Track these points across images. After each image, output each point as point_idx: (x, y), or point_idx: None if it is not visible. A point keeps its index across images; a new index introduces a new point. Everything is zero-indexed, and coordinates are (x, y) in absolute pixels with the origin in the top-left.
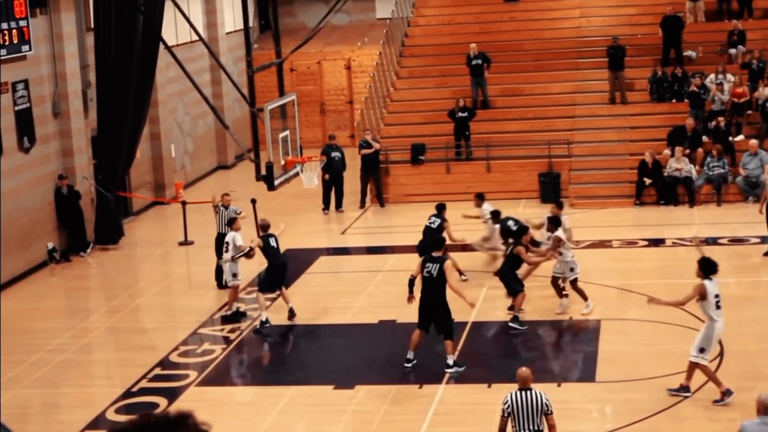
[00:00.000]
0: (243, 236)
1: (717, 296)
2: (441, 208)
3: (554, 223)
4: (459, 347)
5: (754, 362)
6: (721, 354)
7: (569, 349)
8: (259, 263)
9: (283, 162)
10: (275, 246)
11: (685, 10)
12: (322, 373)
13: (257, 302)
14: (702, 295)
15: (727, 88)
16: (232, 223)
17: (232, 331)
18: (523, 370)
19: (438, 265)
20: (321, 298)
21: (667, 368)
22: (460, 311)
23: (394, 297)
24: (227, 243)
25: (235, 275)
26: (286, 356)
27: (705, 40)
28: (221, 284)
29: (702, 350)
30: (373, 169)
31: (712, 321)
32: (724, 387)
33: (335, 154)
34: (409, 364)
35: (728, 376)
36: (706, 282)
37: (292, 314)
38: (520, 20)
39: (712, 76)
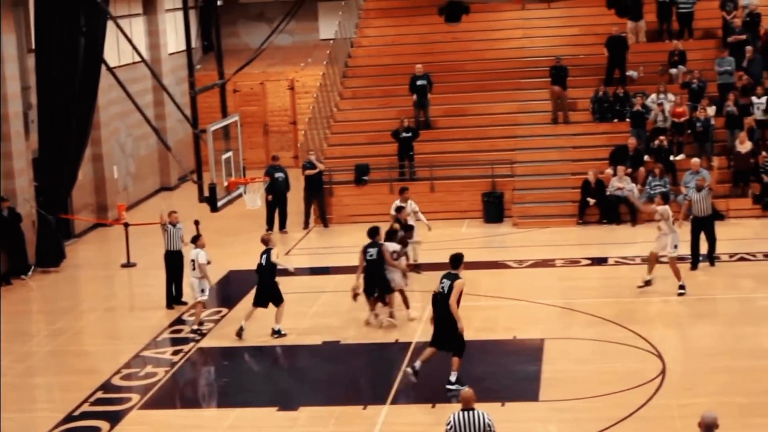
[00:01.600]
0: (188, 256)
1: None
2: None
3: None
4: (403, 366)
5: (696, 380)
6: (663, 372)
7: (513, 369)
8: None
9: (226, 183)
10: (262, 263)
11: (627, 31)
12: (266, 395)
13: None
14: None
15: (668, 108)
16: (196, 240)
17: (175, 353)
18: (466, 391)
19: (450, 282)
20: (264, 319)
21: (610, 387)
22: (404, 331)
23: (338, 318)
24: (192, 260)
25: (203, 291)
26: (230, 378)
27: (646, 60)
28: (170, 305)
29: None
30: (317, 190)
31: None
32: None
33: (278, 175)
34: (452, 387)
35: (670, 393)
36: None
37: (239, 332)
38: (462, 41)
39: (654, 95)
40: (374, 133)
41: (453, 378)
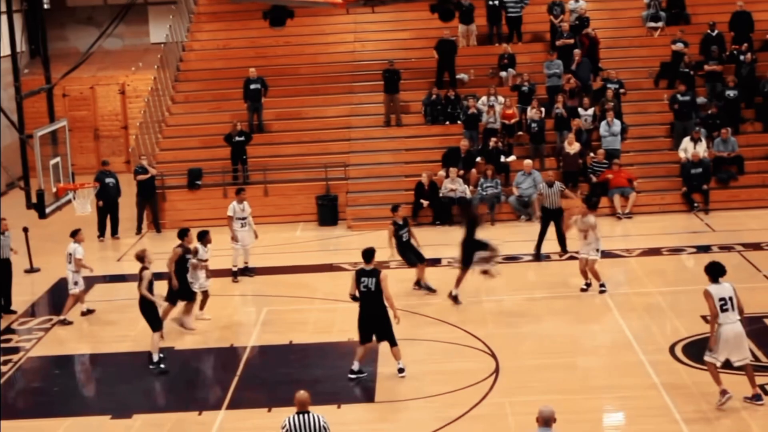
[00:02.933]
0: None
1: (722, 299)
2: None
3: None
4: (239, 371)
5: (528, 377)
6: (496, 371)
7: (348, 371)
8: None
9: (54, 189)
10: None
11: (458, 34)
12: (99, 403)
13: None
14: (706, 299)
15: (498, 110)
16: (75, 234)
17: (4, 363)
18: (301, 394)
19: (374, 279)
20: (97, 327)
21: (445, 386)
22: (239, 335)
23: (172, 323)
24: (69, 254)
25: (76, 283)
26: (62, 387)
27: (476, 63)
28: None
29: (710, 349)
30: (150, 195)
31: (719, 325)
32: (722, 387)
33: (109, 180)
34: (354, 375)
35: (503, 391)
36: (710, 286)
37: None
38: (294, 44)
39: (484, 98)
40: (207, 137)
41: (401, 365)
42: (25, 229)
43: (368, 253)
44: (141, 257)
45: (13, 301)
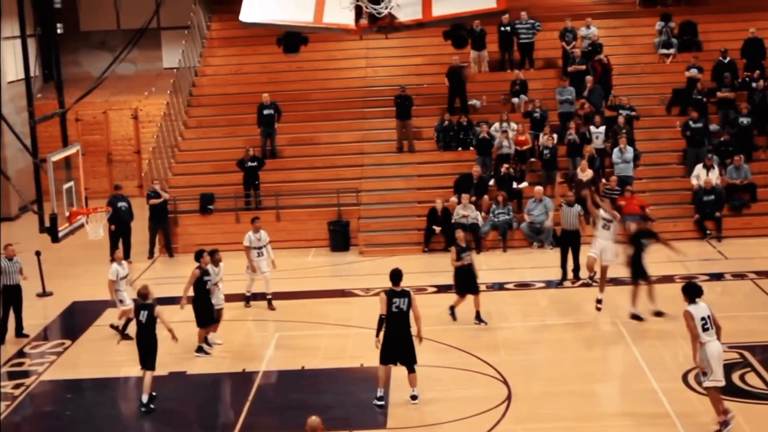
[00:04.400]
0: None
1: (703, 319)
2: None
3: None
4: (251, 396)
5: (541, 404)
6: (509, 397)
7: (360, 397)
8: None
9: (67, 213)
10: (141, 321)
11: (470, 60)
12: (111, 428)
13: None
14: (687, 320)
15: (510, 136)
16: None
17: (16, 387)
18: (313, 419)
19: (407, 299)
20: (109, 351)
21: (457, 413)
22: (251, 360)
23: (181, 347)
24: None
25: (122, 301)
26: (74, 411)
27: (489, 90)
28: (3, 339)
29: (705, 374)
30: (162, 219)
31: (702, 344)
32: (722, 418)
33: (121, 204)
34: (382, 402)
35: (515, 418)
36: (689, 307)
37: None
38: (307, 70)
39: (497, 124)
40: (219, 162)
41: (415, 392)
42: (38, 253)
43: (396, 275)
44: (144, 294)
45: (25, 325)
